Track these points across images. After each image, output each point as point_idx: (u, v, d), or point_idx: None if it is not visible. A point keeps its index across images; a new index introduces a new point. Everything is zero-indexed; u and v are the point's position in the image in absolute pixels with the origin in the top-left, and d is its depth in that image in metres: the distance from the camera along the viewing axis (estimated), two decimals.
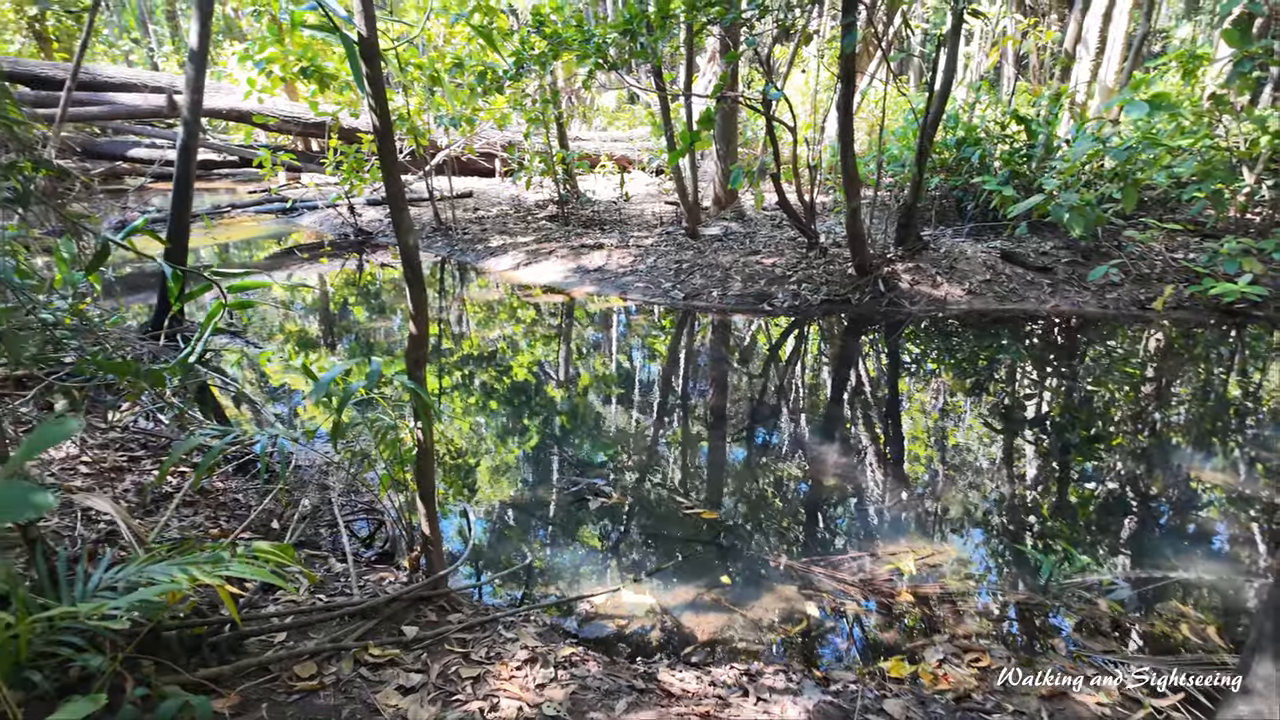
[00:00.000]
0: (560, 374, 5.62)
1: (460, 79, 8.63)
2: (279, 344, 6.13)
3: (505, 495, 3.79)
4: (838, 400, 5.16)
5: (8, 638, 1.29)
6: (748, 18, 5.51)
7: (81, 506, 2.47)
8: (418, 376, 2.34)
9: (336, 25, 2.05)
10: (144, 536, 2.08)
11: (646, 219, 10.43)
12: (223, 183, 15.21)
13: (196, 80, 5.32)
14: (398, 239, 2.19)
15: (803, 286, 7.13)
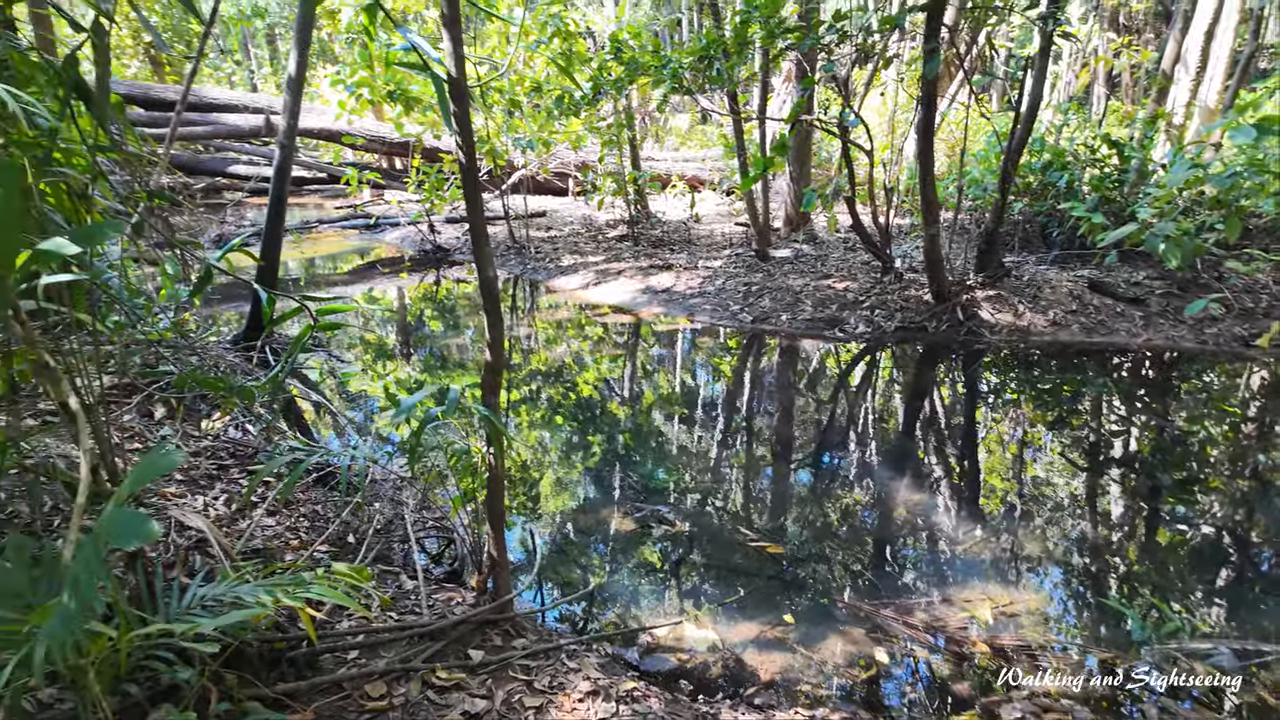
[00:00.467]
0: (626, 395, 5.65)
1: (538, 102, 8.84)
2: (358, 355, 6.36)
3: (569, 517, 3.82)
4: (911, 432, 5.01)
5: (110, 651, 1.38)
6: (826, 43, 5.47)
7: (176, 518, 2.61)
8: (492, 403, 2.39)
9: (428, 65, 2.13)
10: (230, 549, 2.19)
11: (716, 240, 10.42)
12: (311, 198, 15.97)
13: (293, 106, 5.61)
14: (479, 271, 2.25)
15: (876, 312, 6.98)
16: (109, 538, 1.15)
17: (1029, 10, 5.85)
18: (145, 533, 1.14)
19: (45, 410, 3.61)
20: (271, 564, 2.79)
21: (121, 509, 1.19)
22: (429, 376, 5.84)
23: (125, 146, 2.48)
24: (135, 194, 2.37)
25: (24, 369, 2.49)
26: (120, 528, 1.14)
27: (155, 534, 1.14)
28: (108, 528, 1.16)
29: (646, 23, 12.50)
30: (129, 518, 1.16)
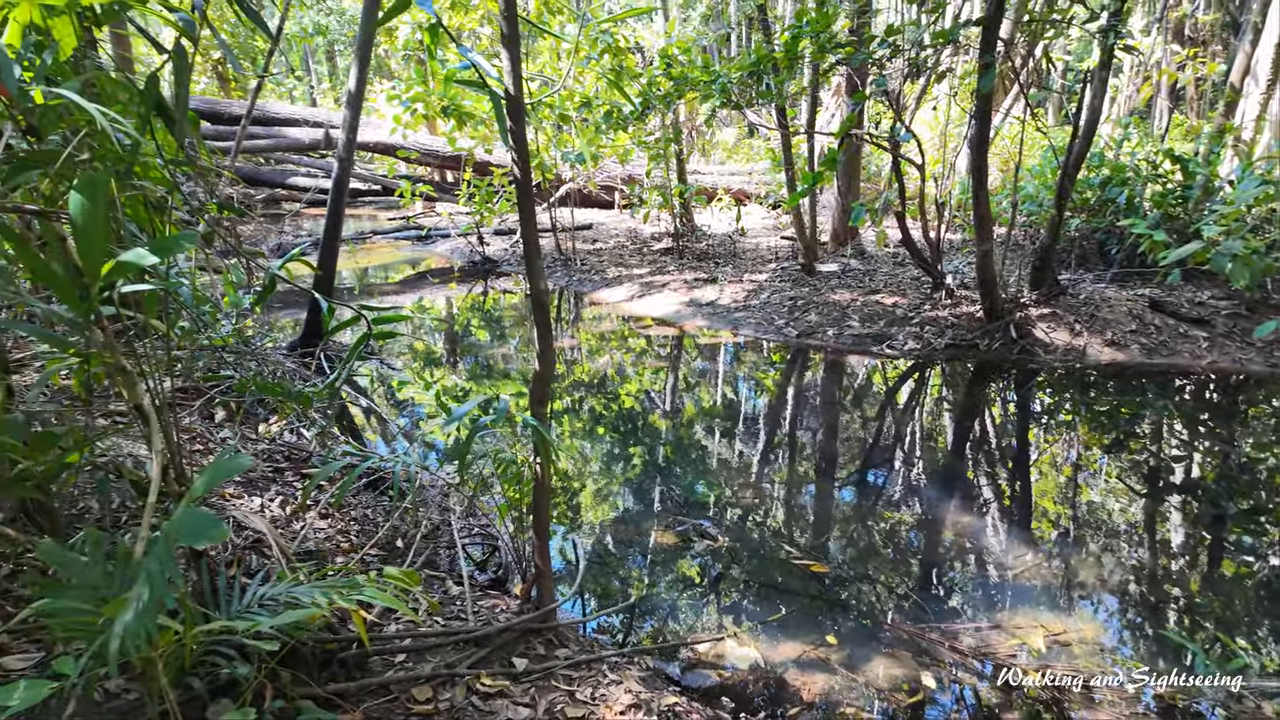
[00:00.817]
0: (668, 408, 5.65)
1: (587, 117, 8.96)
2: (407, 361, 6.50)
3: (610, 528, 3.84)
4: (961, 452, 4.90)
5: (176, 645, 1.43)
6: (878, 58, 5.43)
7: (235, 518, 2.70)
8: (540, 414, 2.42)
9: (487, 83, 2.19)
10: (286, 550, 2.26)
11: (761, 253, 10.38)
12: (365, 210, 16.42)
13: (352, 122, 5.80)
14: (530, 284, 2.29)
15: (926, 329, 6.86)
16: (180, 536, 1.21)
17: (1089, 24, 5.72)
18: (215, 533, 1.19)
19: (114, 411, 3.78)
20: (325, 566, 2.87)
21: (192, 509, 1.24)
22: (475, 385, 5.94)
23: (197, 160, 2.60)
24: (205, 205, 2.48)
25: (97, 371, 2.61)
26: (191, 527, 1.20)
27: (224, 534, 1.19)
28: (179, 526, 1.21)
29: (695, 38, 12.58)
30: (199, 517, 1.21)
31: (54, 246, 1.59)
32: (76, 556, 1.45)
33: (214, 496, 3.28)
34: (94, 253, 1.53)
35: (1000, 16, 5.43)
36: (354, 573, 2.44)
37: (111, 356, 1.65)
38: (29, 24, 1.85)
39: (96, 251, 1.53)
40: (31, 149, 1.80)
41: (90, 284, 1.51)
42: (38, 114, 1.63)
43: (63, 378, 3.24)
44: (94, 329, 1.71)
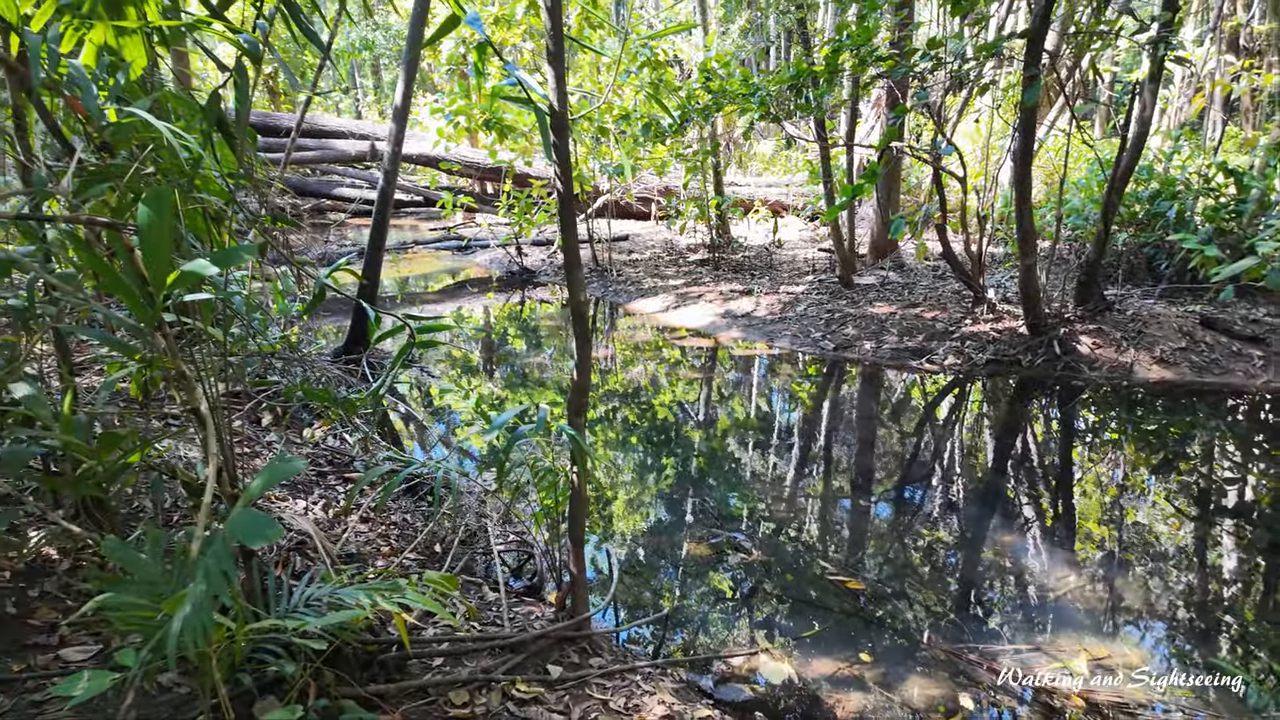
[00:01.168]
0: (703, 419, 5.65)
1: (626, 129, 9.04)
2: (446, 369, 6.61)
3: (644, 539, 3.85)
4: (1002, 469, 4.81)
5: (228, 642, 1.49)
6: (920, 71, 5.40)
7: (282, 520, 2.78)
8: (577, 424, 2.45)
9: (532, 100, 2.24)
10: (331, 551, 2.32)
11: (798, 265, 10.33)
12: (408, 220, 16.75)
13: (398, 135, 5.94)
14: (570, 296, 2.33)
15: (966, 343, 6.75)
16: (237, 535, 1.26)
17: (1138, 35, 5.61)
18: (270, 533, 1.24)
19: (167, 414, 3.92)
20: (366, 569, 2.93)
21: (248, 510, 1.29)
22: (512, 393, 6.01)
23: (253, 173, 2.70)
24: (260, 216, 2.58)
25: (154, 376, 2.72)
26: (248, 527, 1.25)
27: (279, 534, 1.24)
28: (237, 526, 1.27)
29: (734, 51, 12.61)
30: (256, 518, 1.26)
31: (123, 256, 1.67)
32: (137, 553, 1.51)
33: (260, 498, 3.38)
34: (159, 263, 1.61)
35: (1046, 29, 5.35)
36: (394, 576, 2.50)
37: (172, 362, 1.73)
38: (103, 45, 1.95)
39: (162, 262, 1.60)
40: (103, 164, 1.89)
41: (155, 293, 1.58)
42: (111, 131, 1.72)
43: (120, 381, 3.38)
44: (156, 335, 1.79)
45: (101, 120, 1.74)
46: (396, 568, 3.03)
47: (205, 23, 1.98)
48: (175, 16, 1.98)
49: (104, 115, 1.76)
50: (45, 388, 2.33)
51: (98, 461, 1.94)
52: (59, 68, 1.66)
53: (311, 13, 2.68)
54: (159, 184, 1.98)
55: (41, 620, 2.14)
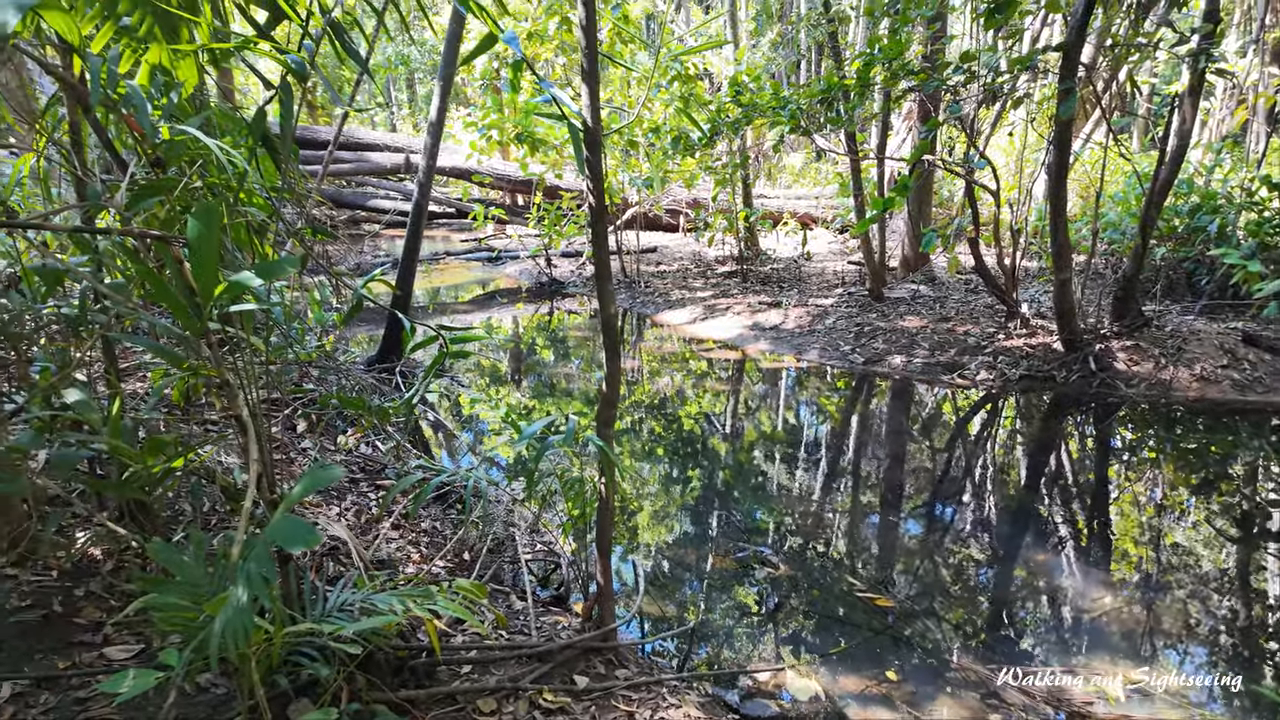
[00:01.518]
0: (730, 432, 5.64)
1: (655, 142, 9.11)
2: (475, 379, 6.69)
3: (670, 551, 3.85)
4: (1035, 486, 4.72)
5: (266, 644, 1.53)
6: (952, 84, 5.37)
7: (319, 526, 2.83)
8: (606, 435, 2.47)
9: (566, 115, 2.28)
10: (365, 557, 2.36)
11: (827, 278, 10.28)
12: (440, 231, 16.98)
13: (433, 148, 6.05)
14: (600, 308, 2.35)
15: (999, 358, 6.66)
16: (277, 540, 1.30)
17: (1177, 47, 5.52)
18: (310, 538, 1.28)
19: (207, 420, 4.03)
20: (396, 575, 2.98)
21: (288, 515, 1.33)
22: (539, 403, 6.06)
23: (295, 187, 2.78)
24: (300, 228, 2.65)
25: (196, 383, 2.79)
26: (288, 532, 1.28)
27: (318, 540, 1.27)
28: (277, 531, 1.30)
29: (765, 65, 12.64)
30: (295, 524, 1.30)
31: (172, 268, 1.73)
32: (181, 556, 1.56)
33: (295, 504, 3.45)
34: (207, 274, 1.66)
35: (1082, 41, 5.29)
36: (424, 583, 2.54)
37: (217, 370, 1.78)
38: (157, 65, 2.03)
39: (209, 273, 1.66)
40: (154, 179, 1.97)
41: (203, 303, 1.64)
42: (164, 148, 1.79)
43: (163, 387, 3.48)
44: (201, 344, 1.85)
45: (155, 137, 1.82)
46: (426, 575, 3.07)
47: (253, 43, 2.06)
48: (225, 38, 2.05)
49: (158, 132, 1.83)
50: (93, 393, 2.41)
51: (143, 466, 2.00)
52: (117, 88, 1.74)
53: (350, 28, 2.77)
54: (206, 198, 2.05)
55: (86, 619, 2.21)
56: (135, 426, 2.41)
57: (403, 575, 3.03)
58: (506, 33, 1.98)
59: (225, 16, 2.17)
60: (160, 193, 1.96)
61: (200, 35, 2.04)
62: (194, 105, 2.25)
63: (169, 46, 1.92)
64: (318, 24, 2.16)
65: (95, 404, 2.01)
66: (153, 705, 1.81)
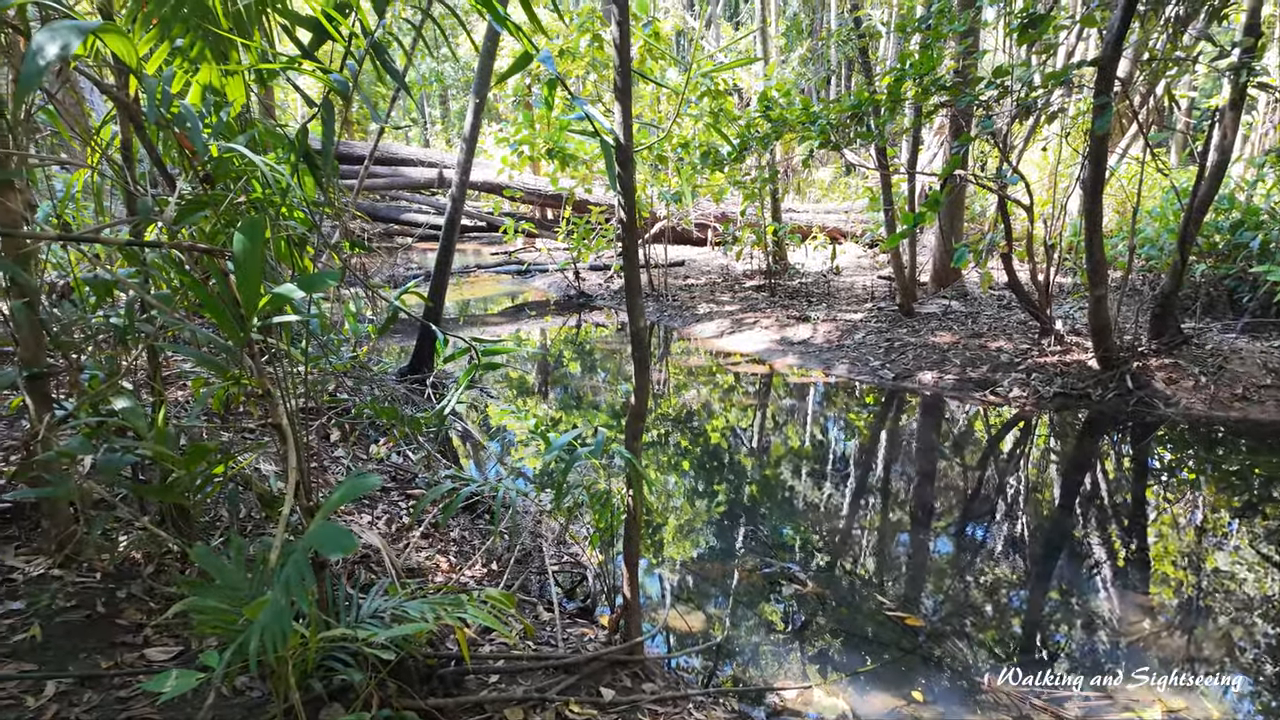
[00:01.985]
0: (757, 447, 5.61)
1: (684, 157, 9.16)
2: (504, 390, 6.75)
3: (696, 565, 3.84)
4: (1069, 506, 4.63)
5: (301, 648, 1.56)
6: (985, 99, 5.33)
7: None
8: (634, 448, 2.49)
9: (599, 132, 2.31)
10: (397, 565, 2.39)
11: (857, 293, 10.22)
12: (470, 245, 17.21)
13: (466, 164, 6.15)
14: (630, 322, 2.38)
15: (1033, 376, 6.56)
16: (317, 545, 1.33)
17: (1218, 61, 5.43)
18: (347, 545, 1.31)
19: (244, 428, 4.12)
20: (428, 584, 3.01)
21: (327, 522, 1.37)
22: (567, 415, 6.09)
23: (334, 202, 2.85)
24: (338, 242, 2.72)
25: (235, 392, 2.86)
26: (327, 538, 1.32)
27: (356, 547, 1.30)
28: (315, 538, 1.34)
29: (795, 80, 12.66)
30: (334, 530, 1.33)
31: (218, 280, 1.79)
32: (222, 560, 1.60)
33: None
34: (252, 287, 1.72)
35: (1118, 56, 5.23)
36: (454, 592, 2.56)
37: (259, 380, 1.84)
38: (207, 85, 2.11)
39: (254, 286, 1.71)
40: (202, 195, 2.04)
41: (248, 315, 1.69)
42: (212, 165, 1.86)
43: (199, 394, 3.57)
44: (245, 356, 1.91)
45: (205, 154, 1.88)
46: (455, 584, 3.11)
47: (298, 63, 2.13)
48: (272, 59, 2.12)
49: (207, 149, 1.90)
50: (138, 400, 2.48)
51: (185, 471, 2.06)
52: (171, 107, 1.81)
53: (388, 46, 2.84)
54: (250, 212, 2.12)
55: (128, 620, 2.27)
56: (178, 434, 2.48)
57: (432, 584, 3.06)
58: (542, 52, 2.03)
59: (271, 38, 2.24)
60: (207, 207, 2.03)
61: (249, 56, 2.12)
62: (240, 123, 2.33)
63: (219, 67, 2.00)
64: (360, 44, 2.23)
65: (140, 411, 2.07)
66: (191, 706, 1.85)
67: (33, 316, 2.30)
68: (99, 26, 1.48)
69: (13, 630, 2.12)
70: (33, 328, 2.33)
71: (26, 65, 1.22)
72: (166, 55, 1.94)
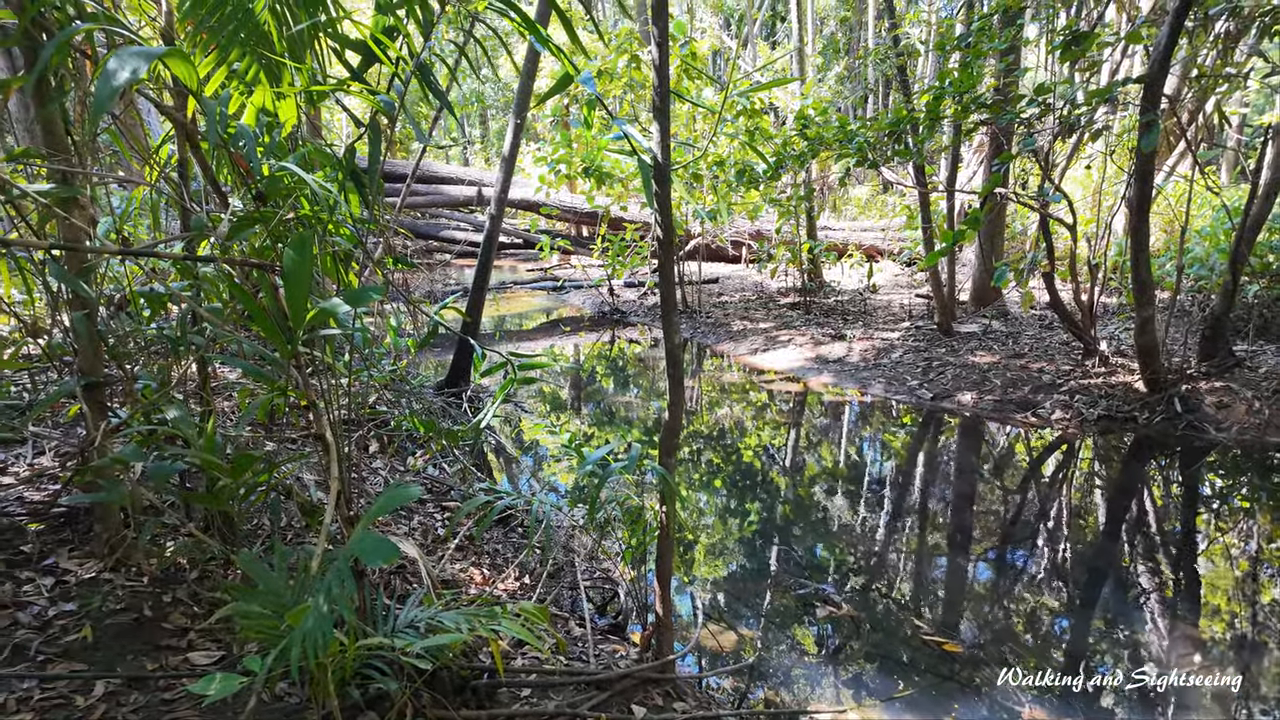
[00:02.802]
0: (791, 465, 5.56)
1: (720, 175, 9.19)
2: (537, 404, 6.80)
3: (729, 584, 3.81)
4: (1115, 532, 4.50)
5: (340, 655, 1.59)
6: (1026, 117, 5.27)
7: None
8: (668, 464, 2.49)
9: (637, 151, 2.34)
10: (434, 576, 2.42)
11: (894, 311, 10.11)
12: (507, 261, 17.45)
13: (504, 182, 6.26)
14: (665, 339, 2.39)
15: (1076, 398, 6.40)
16: (359, 554, 1.36)
17: (1270, 77, 5.29)
18: (389, 554, 1.33)
19: (286, 438, 4.22)
20: (462, 595, 3.04)
21: (369, 532, 1.40)
22: (600, 430, 6.11)
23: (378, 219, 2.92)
24: (382, 257, 2.78)
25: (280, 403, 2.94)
26: (369, 548, 1.34)
27: (396, 556, 1.33)
28: (358, 547, 1.37)
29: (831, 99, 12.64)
30: (376, 540, 1.36)
31: (268, 294, 1.85)
32: (266, 567, 1.64)
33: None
34: (299, 301, 1.77)
35: (1165, 73, 5.13)
36: (488, 604, 2.59)
37: (304, 392, 1.89)
38: (261, 107, 2.20)
39: (301, 300, 1.77)
40: (254, 211, 2.11)
41: (295, 328, 1.75)
42: (265, 183, 1.93)
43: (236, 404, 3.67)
44: (292, 368, 1.96)
45: (258, 173, 1.95)
46: (489, 596, 3.13)
47: (347, 85, 2.20)
48: (322, 81, 2.20)
49: (259, 168, 1.97)
50: (188, 410, 2.56)
51: (231, 480, 2.12)
52: (228, 127, 1.88)
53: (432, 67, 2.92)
54: (299, 229, 2.19)
55: (173, 624, 2.33)
56: (225, 443, 2.55)
57: (466, 596, 3.09)
58: (583, 73, 2.07)
59: (323, 61, 2.33)
60: (259, 224, 2.10)
61: (301, 79, 2.20)
62: (290, 142, 2.41)
63: (273, 89, 2.07)
64: (406, 67, 2.29)
65: (190, 420, 2.14)
66: (232, 710, 1.89)
67: (91, 328, 2.40)
68: (164, 52, 1.56)
69: (65, 631, 2.19)
70: (91, 338, 2.42)
71: (99, 89, 1.28)
72: (223, 78, 2.03)
